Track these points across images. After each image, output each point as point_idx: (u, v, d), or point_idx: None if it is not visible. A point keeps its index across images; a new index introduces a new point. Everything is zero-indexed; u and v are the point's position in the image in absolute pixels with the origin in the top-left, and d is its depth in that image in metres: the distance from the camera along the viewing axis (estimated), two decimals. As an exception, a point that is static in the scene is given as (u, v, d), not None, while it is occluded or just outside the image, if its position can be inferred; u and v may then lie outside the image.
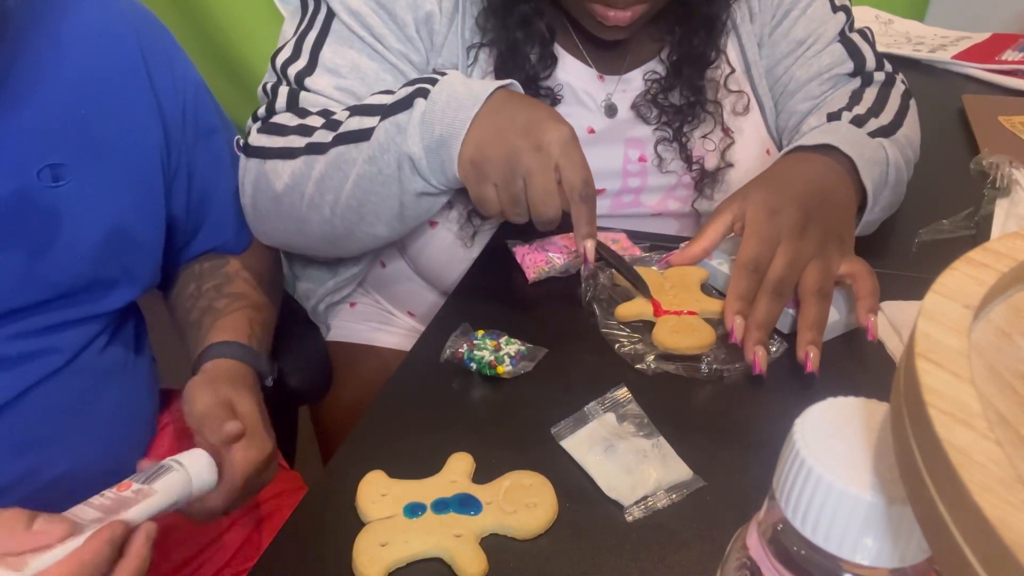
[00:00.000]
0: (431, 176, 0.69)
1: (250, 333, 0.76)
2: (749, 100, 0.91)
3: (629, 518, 0.54)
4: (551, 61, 0.83)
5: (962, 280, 0.29)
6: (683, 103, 0.87)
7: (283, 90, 0.79)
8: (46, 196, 0.66)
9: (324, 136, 0.73)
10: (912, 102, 0.90)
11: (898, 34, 1.53)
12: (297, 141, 0.75)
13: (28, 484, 0.67)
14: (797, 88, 0.91)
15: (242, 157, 0.80)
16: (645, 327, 0.70)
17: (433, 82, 0.70)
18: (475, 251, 0.85)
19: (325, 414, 1.02)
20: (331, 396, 0.97)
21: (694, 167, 0.88)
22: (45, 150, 0.66)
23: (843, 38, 0.90)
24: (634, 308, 0.72)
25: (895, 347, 0.68)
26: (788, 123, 0.92)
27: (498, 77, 0.81)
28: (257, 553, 0.71)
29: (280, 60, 0.80)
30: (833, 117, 0.83)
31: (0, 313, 0.65)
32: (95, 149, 0.70)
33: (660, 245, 0.80)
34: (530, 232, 0.79)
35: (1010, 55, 1.37)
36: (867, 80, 0.91)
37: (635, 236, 0.83)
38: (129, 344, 0.79)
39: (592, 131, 0.87)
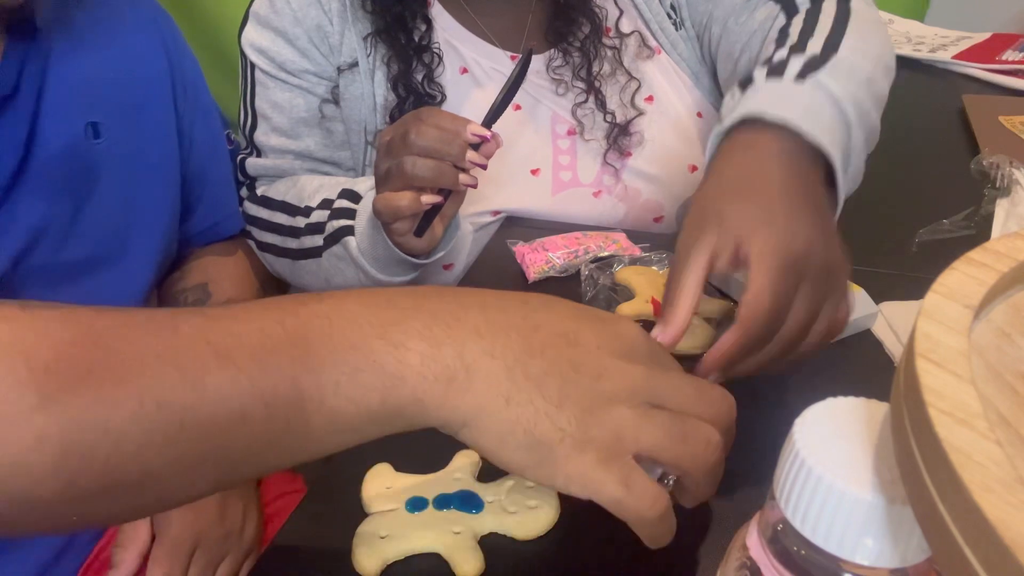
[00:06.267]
0: (385, 273, 0.80)
1: None
2: (651, 48, 0.91)
3: (629, 518, 0.54)
4: (428, 26, 0.88)
5: (962, 280, 0.29)
6: (583, 37, 0.89)
7: (238, 161, 0.94)
8: (90, 152, 0.71)
9: (289, 243, 0.86)
10: (854, 7, 0.72)
11: (898, 34, 1.53)
12: (271, 238, 0.89)
13: None
14: (721, 30, 0.86)
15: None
16: (645, 327, 0.70)
17: (351, 213, 0.80)
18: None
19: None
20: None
21: (607, 117, 0.90)
22: (87, 107, 0.71)
23: None
24: (634, 308, 0.71)
25: (895, 347, 0.68)
26: (726, 67, 0.87)
27: (393, 57, 0.88)
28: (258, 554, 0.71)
29: (241, 123, 0.94)
30: (747, 80, 0.64)
31: (47, 265, 0.68)
32: (125, 109, 0.75)
33: (660, 245, 0.80)
34: (530, 232, 0.79)
35: (1010, 55, 1.37)
36: (791, 11, 0.78)
37: (635, 236, 0.83)
38: None
39: (519, 107, 0.90)
